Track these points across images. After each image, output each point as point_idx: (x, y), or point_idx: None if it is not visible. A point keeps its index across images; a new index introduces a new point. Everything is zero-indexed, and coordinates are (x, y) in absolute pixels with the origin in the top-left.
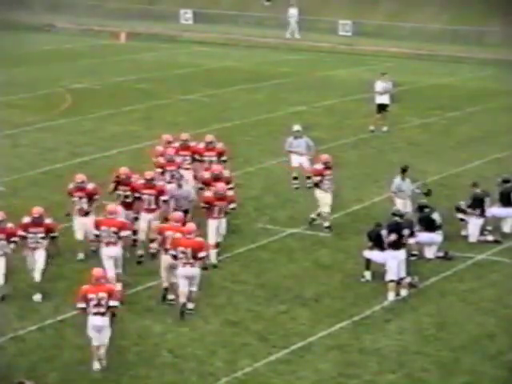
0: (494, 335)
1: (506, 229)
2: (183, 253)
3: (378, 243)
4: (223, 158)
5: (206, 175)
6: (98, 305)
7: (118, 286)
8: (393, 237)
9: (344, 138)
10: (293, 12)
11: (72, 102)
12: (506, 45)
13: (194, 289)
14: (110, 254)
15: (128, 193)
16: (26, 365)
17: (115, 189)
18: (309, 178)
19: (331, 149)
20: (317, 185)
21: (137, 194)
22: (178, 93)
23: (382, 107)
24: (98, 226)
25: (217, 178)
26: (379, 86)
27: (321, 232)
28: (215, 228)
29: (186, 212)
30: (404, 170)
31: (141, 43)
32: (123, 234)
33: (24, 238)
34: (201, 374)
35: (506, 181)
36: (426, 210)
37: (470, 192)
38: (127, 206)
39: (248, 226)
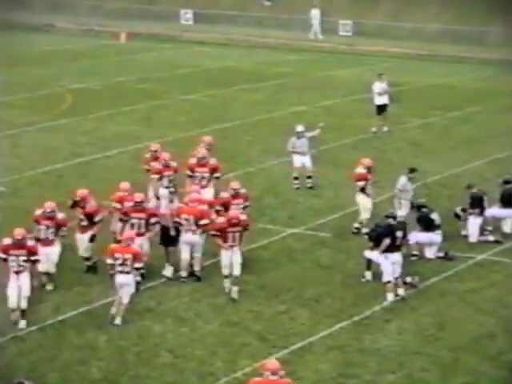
0: (493, 335)
1: (506, 229)
2: (186, 220)
3: (378, 243)
4: (216, 175)
5: (225, 195)
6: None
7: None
8: (387, 241)
9: (344, 138)
10: (315, 13)
11: (72, 102)
12: (507, 45)
13: (197, 254)
14: (122, 281)
15: (82, 216)
16: (26, 365)
17: (72, 207)
18: (309, 177)
19: (331, 149)
20: (362, 190)
21: (125, 218)
22: (178, 93)
23: (381, 108)
24: (112, 252)
25: (236, 195)
26: (377, 86)
27: (321, 232)
28: (228, 258)
29: (177, 231)
30: (412, 171)
31: (141, 43)
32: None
33: (4, 260)
34: (201, 374)
35: (507, 182)
36: (425, 210)
37: (466, 193)
38: (83, 229)
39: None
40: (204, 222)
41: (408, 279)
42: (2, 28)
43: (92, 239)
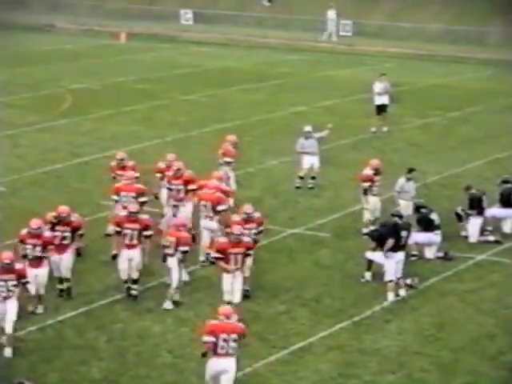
0: (493, 335)
1: (506, 229)
2: (204, 206)
3: (381, 243)
4: (191, 187)
5: (236, 218)
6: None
7: None
8: (391, 240)
9: (344, 138)
10: (331, 14)
11: (72, 102)
12: (507, 45)
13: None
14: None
15: (67, 234)
16: (26, 365)
17: (52, 229)
18: (313, 178)
19: (331, 149)
20: (366, 191)
21: (118, 229)
22: (178, 93)
23: (381, 108)
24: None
25: (248, 219)
26: (378, 86)
27: (321, 232)
28: (230, 284)
29: None
30: (410, 171)
31: (141, 43)
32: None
33: None
34: (201, 374)
35: (506, 181)
36: (424, 210)
37: (466, 195)
38: (62, 248)
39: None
40: (221, 207)
41: (408, 281)
42: (2, 28)
43: (79, 253)
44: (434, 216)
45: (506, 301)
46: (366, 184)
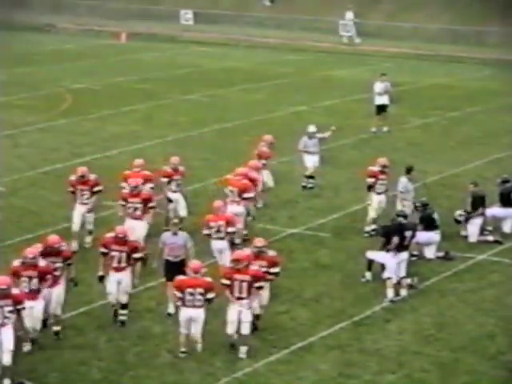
0: (493, 335)
1: (506, 229)
2: (231, 191)
3: (387, 241)
4: (151, 204)
5: (246, 252)
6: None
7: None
8: (395, 240)
9: (344, 138)
10: (349, 16)
11: (72, 102)
12: (506, 45)
13: (240, 226)
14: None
15: (59, 264)
16: (25, 365)
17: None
18: (313, 177)
19: (331, 149)
20: (370, 187)
21: (104, 250)
22: (178, 93)
23: (381, 108)
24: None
25: (258, 254)
26: (378, 86)
27: (321, 232)
28: (235, 314)
29: (182, 263)
30: (409, 171)
31: (141, 43)
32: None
33: None
34: (201, 373)
35: (505, 181)
36: (428, 209)
37: (468, 192)
38: (54, 281)
39: (248, 226)
40: (247, 195)
41: (408, 281)
42: (2, 28)
43: (76, 283)
44: (435, 216)
45: (506, 301)
46: (370, 180)
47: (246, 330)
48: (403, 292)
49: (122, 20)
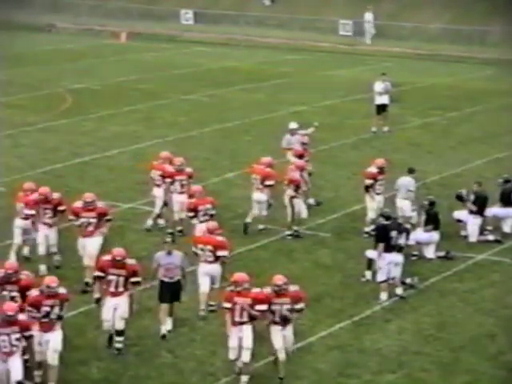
0: (493, 335)
1: (506, 229)
2: (254, 179)
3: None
4: (107, 218)
5: (266, 291)
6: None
7: None
8: (381, 241)
9: (344, 138)
10: (369, 16)
11: (72, 102)
12: (507, 45)
13: (264, 212)
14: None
15: (14, 293)
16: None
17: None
18: None
19: (331, 149)
20: (368, 188)
21: (100, 274)
22: (178, 93)
23: (381, 108)
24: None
25: (279, 292)
26: (378, 86)
27: (321, 232)
28: (236, 339)
29: (178, 283)
30: (412, 171)
31: (141, 43)
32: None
33: None
34: (201, 373)
35: (506, 181)
36: (435, 209)
37: (474, 189)
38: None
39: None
40: (269, 182)
41: (408, 280)
42: (2, 28)
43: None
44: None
45: (506, 300)
46: (369, 181)
47: (246, 357)
48: (399, 290)
49: (122, 20)
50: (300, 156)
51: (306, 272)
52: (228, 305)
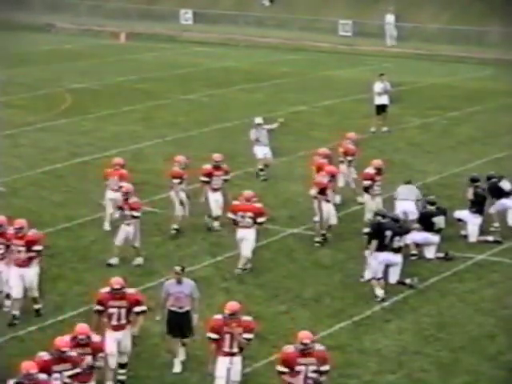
0: (493, 335)
1: (511, 222)
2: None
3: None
4: (36, 248)
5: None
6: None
7: None
8: (374, 240)
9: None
10: (390, 18)
11: (72, 102)
12: (506, 45)
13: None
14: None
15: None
16: None
17: None
18: (262, 170)
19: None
20: (366, 189)
21: (100, 308)
22: (178, 93)
23: (381, 108)
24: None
25: (306, 351)
26: (378, 86)
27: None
28: (224, 370)
29: (187, 314)
30: (408, 182)
31: (141, 43)
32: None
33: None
34: (201, 373)
35: (489, 177)
36: (431, 209)
37: (470, 188)
38: None
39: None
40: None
41: (408, 280)
42: (2, 28)
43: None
44: (436, 219)
45: (506, 301)
46: (367, 182)
47: None
48: (380, 292)
49: (121, 20)
50: (352, 155)
51: (306, 272)
52: (215, 336)
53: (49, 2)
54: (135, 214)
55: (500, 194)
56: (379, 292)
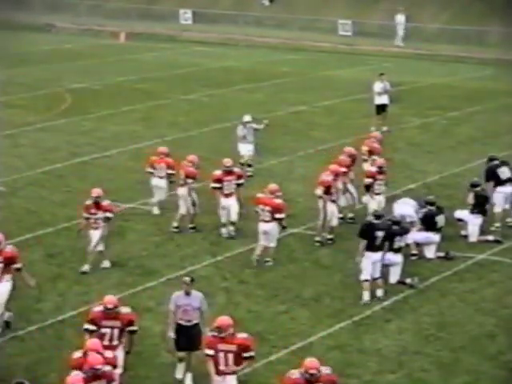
0: (493, 335)
1: None
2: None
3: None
4: (16, 266)
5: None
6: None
7: None
8: (364, 240)
9: (344, 138)
10: (401, 18)
11: (72, 102)
12: (506, 45)
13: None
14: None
15: None
16: (25, 365)
17: None
18: (250, 166)
19: (331, 149)
20: (368, 188)
21: (92, 327)
22: (178, 93)
23: (381, 108)
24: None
25: (312, 379)
26: (378, 86)
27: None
28: None
29: (195, 327)
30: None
31: (141, 43)
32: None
33: None
34: (201, 373)
35: (491, 159)
36: (432, 208)
37: (471, 193)
38: None
39: (248, 226)
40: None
41: (408, 280)
42: (2, 28)
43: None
44: (438, 218)
45: (506, 300)
46: (369, 180)
47: None
48: (379, 292)
49: (121, 20)
50: (378, 154)
51: (306, 272)
52: (210, 352)
53: (49, 2)
54: (109, 215)
55: (495, 179)
56: (366, 296)
